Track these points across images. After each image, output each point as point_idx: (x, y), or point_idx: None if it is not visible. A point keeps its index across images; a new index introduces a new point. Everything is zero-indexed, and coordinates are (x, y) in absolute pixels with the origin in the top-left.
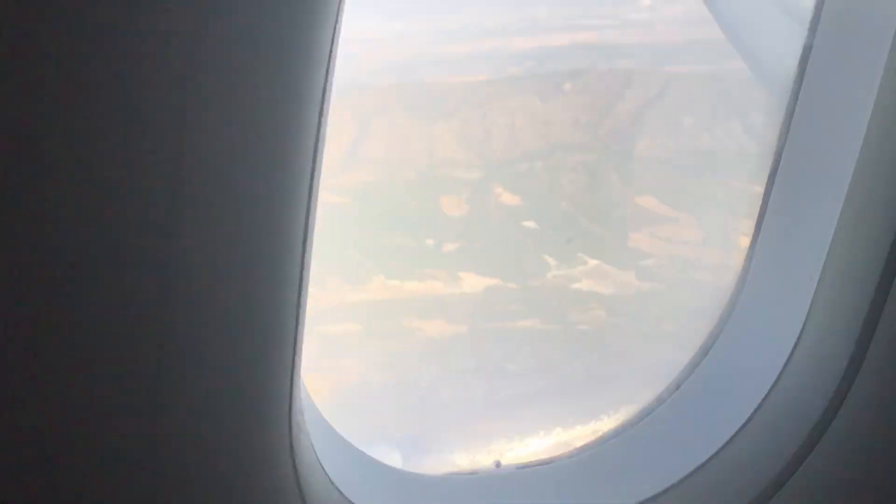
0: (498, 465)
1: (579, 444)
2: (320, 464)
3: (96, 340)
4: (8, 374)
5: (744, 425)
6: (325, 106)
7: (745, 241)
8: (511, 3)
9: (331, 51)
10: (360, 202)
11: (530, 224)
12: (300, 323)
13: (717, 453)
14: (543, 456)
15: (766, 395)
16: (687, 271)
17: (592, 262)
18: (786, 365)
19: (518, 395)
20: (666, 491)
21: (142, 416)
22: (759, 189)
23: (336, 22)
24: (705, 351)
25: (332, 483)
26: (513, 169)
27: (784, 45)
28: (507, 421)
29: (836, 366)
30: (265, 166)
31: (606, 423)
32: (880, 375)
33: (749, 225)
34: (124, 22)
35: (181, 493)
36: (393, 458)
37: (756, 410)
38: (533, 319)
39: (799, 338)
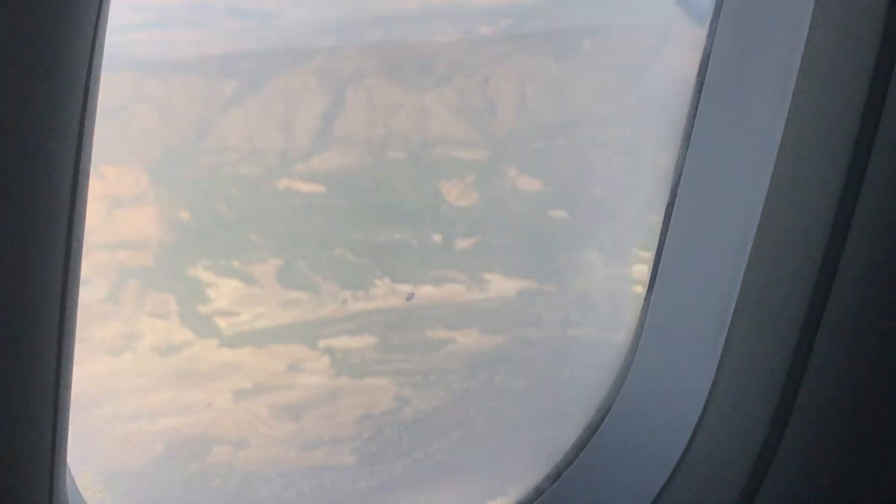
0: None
1: None
2: None
3: None
4: None
5: None
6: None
7: None
8: None
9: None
10: (339, 190)
11: (559, 214)
12: (62, 399)
13: None
14: None
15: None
16: None
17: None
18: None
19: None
20: None
21: None
22: None
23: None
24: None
25: None
26: (528, 147)
27: None
28: None
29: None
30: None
31: None
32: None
33: None
34: None
35: None
36: None
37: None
38: (588, 327)
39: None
